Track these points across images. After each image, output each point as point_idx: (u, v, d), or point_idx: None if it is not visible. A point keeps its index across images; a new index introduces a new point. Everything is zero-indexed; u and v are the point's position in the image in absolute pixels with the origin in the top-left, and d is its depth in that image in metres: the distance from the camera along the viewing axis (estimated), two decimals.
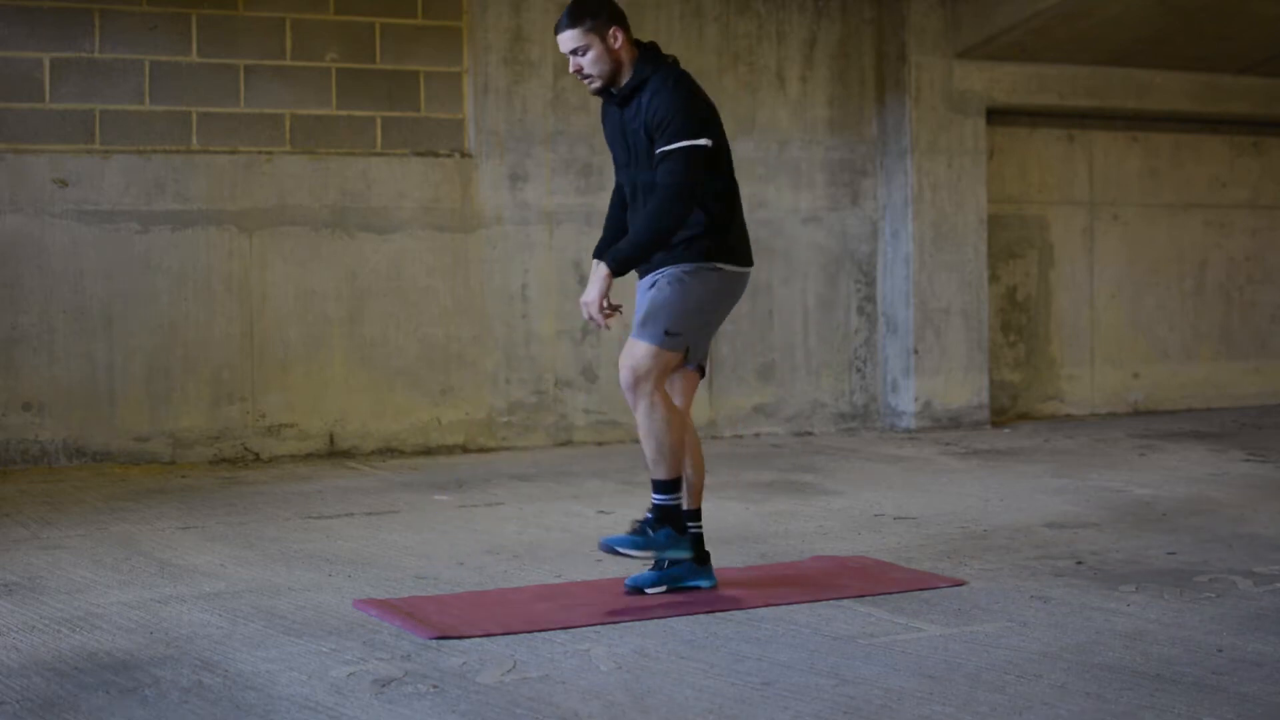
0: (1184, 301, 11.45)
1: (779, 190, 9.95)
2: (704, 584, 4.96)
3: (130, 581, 5.25)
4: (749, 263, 5.04)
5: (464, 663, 4.08)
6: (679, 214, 4.76)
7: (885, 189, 10.21)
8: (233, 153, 8.70)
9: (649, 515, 4.92)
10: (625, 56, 4.90)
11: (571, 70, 4.94)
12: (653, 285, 4.93)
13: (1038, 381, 10.89)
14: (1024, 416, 10.74)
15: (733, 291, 5.01)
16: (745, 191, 9.84)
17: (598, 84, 4.92)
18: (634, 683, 3.87)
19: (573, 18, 4.88)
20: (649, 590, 4.90)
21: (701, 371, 5.12)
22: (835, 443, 9.49)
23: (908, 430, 10.00)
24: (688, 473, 4.96)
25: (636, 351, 4.86)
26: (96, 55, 8.46)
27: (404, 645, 4.29)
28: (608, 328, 4.90)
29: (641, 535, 4.88)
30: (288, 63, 8.83)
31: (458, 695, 3.76)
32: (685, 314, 4.88)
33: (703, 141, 4.78)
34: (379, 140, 9.03)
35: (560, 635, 4.38)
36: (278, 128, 8.82)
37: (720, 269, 4.92)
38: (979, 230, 10.25)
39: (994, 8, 9.87)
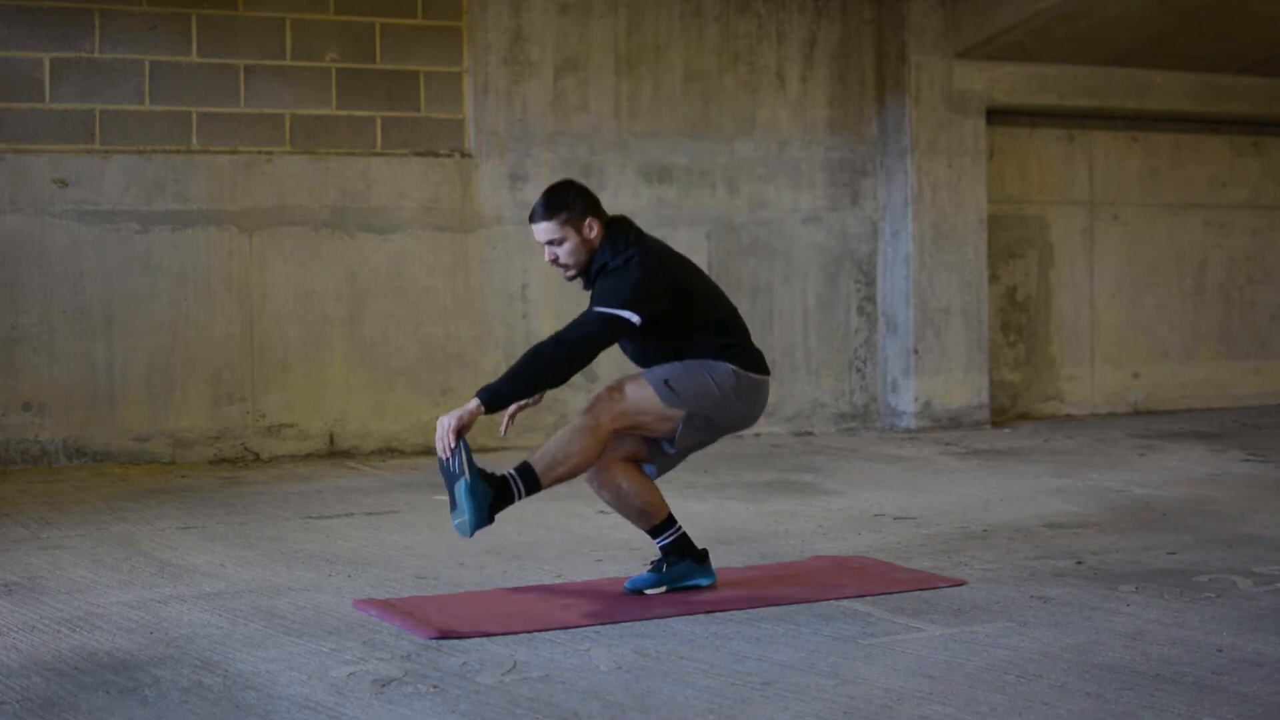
0: (1184, 301, 11.45)
1: (779, 190, 9.95)
2: (704, 582, 4.96)
3: (130, 581, 5.25)
4: (765, 372, 4.91)
5: (464, 663, 4.08)
6: (561, 368, 4.58)
7: (885, 189, 10.21)
8: (233, 153, 8.70)
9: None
10: (598, 242, 4.79)
11: (548, 259, 4.82)
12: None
13: (1038, 381, 10.89)
14: (1024, 416, 10.74)
15: (742, 391, 4.82)
16: (745, 191, 9.89)
17: (573, 273, 4.82)
18: (634, 683, 3.87)
19: (548, 210, 4.76)
20: (649, 590, 4.90)
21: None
22: (835, 443, 9.49)
23: (908, 430, 9.99)
24: (630, 497, 4.85)
25: (624, 380, 4.76)
26: (96, 55, 8.46)
27: (404, 645, 4.28)
28: (445, 456, 4.53)
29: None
30: (288, 63, 8.84)
31: (458, 695, 3.76)
32: (691, 379, 4.76)
33: (625, 314, 4.64)
34: (379, 140, 9.03)
35: (560, 635, 4.38)
36: (278, 128, 8.82)
37: (736, 371, 4.81)
38: (979, 230, 10.25)
39: (994, 8, 9.87)
